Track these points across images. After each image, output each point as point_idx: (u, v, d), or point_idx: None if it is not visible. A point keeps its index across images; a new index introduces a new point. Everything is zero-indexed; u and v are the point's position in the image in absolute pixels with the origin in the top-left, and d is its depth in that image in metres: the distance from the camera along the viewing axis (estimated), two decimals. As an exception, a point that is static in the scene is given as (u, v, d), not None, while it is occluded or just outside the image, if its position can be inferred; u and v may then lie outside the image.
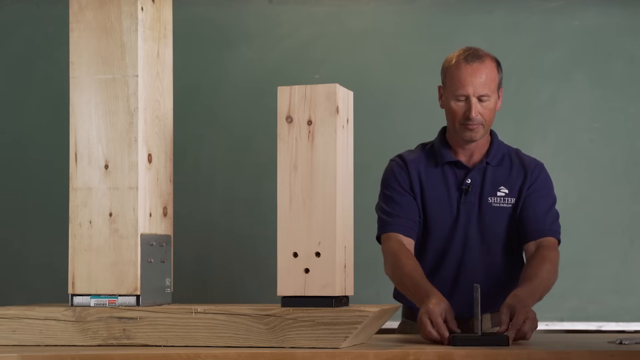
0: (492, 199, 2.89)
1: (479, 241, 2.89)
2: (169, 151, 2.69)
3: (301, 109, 2.40)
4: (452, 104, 2.83)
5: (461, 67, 2.83)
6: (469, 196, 2.89)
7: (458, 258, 2.89)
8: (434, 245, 2.92)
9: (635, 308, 3.90)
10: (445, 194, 2.91)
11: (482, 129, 2.85)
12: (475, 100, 2.81)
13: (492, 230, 2.89)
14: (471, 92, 2.81)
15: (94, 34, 2.57)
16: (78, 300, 2.53)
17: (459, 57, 2.86)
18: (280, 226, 2.41)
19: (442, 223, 2.90)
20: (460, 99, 2.82)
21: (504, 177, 2.92)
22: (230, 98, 4.04)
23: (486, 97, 2.81)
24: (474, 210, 2.89)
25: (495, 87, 2.85)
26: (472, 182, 2.89)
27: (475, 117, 2.81)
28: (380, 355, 2.27)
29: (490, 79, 2.83)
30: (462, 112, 2.83)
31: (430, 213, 2.91)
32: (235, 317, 2.38)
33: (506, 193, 2.90)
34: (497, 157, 2.93)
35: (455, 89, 2.82)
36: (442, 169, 2.93)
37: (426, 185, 2.93)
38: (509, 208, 2.89)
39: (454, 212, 2.89)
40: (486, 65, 2.84)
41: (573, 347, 2.41)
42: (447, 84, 2.87)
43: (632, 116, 3.97)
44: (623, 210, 3.94)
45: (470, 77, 2.81)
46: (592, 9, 3.99)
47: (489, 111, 2.84)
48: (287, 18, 4.07)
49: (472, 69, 2.82)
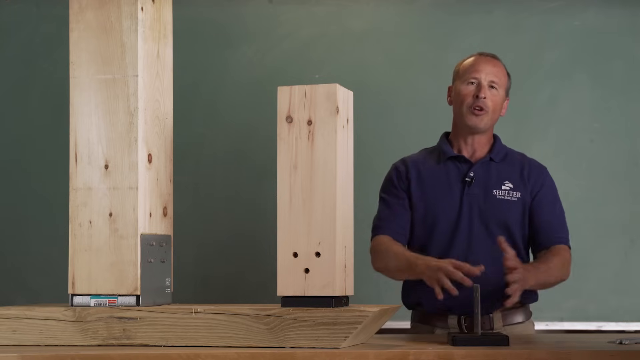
0: (497, 191, 2.92)
1: (485, 233, 2.90)
2: (169, 151, 2.69)
3: (301, 109, 2.41)
4: (462, 88, 2.94)
5: (475, 59, 2.98)
6: (473, 188, 2.92)
7: (463, 252, 2.89)
8: (439, 240, 2.92)
9: (635, 308, 3.90)
10: (448, 187, 2.93)
11: (487, 118, 2.92)
12: (485, 84, 2.92)
13: (497, 221, 2.90)
14: (483, 76, 2.93)
15: (94, 34, 2.57)
16: (78, 300, 2.53)
17: (473, 55, 3.00)
18: (280, 226, 2.41)
19: (446, 216, 2.91)
20: (472, 81, 2.93)
21: (507, 173, 2.95)
22: (231, 98, 4.04)
23: (496, 85, 2.92)
24: (478, 202, 2.90)
25: (505, 84, 2.96)
26: (475, 174, 2.92)
27: (484, 98, 2.87)
28: (380, 355, 2.27)
29: (501, 73, 2.96)
30: (472, 94, 2.91)
31: (434, 207, 2.93)
32: (235, 317, 2.38)
33: (511, 187, 2.93)
34: (500, 154, 2.98)
35: (468, 73, 2.94)
36: (445, 165, 2.96)
37: (427, 180, 2.95)
38: (514, 201, 2.92)
39: (458, 204, 2.91)
40: (499, 63, 2.98)
41: (573, 347, 2.41)
42: (459, 74, 2.98)
43: (632, 116, 3.96)
44: (623, 210, 3.94)
45: (483, 64, 2.95)
46: (592, 9, 3.99)
47: (496, 101, 2.92)
48: (287, 18, 4.06)
49: (486, 60, 2.96)
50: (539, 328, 3.61)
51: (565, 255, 2.93)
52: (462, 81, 2.94)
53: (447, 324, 2.93)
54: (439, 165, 2.97)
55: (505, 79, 2.98)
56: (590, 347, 2.40)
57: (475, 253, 2.89)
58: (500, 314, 2.92)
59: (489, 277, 2.85)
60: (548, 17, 3.99)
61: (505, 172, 2.96)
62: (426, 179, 2.96)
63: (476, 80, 2.92)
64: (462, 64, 2.99)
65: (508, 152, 3.02)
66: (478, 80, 2.92)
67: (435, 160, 2.99)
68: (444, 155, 2.97)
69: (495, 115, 2.94)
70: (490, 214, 2.91)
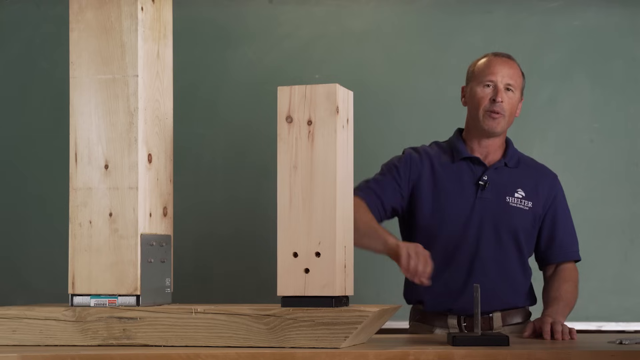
0: (509, 198, 2.91)
1: (493, 238, 2.90)
2: (169, 151, 2.69)
3: (301, 109, 2.40)
4: (479, 90, 2.91)
5: (490, 59, 2.95)
6: (486, 192, 2.91)
7: (471, 254, 2.89)
8: (447, 239, 2.91)
9: (635, 308, 3.90)
10: (460, 189, 2.92)
11: (504, 121, 2.91)
12: (502, 87, 2.90)
13: (507, 228, 2.90)
14: (499, 79, 2.90)
15: (94, 34, 2.57)
16: (78, 300, 2.53)
17: (488, 55, 2.98)
18: (280, 226, 2.41)
19: (456, 217, 2.90)
20: (488, 84, 2.91)
21: (520, 180, 2.94)
22: (231, 98, 4.04)
23: (512, 88, 2.91)
24: (491, 207, 2.90)
25: (520, 85, 2.96)
26: (489, 179, 2.91)
27: (501, 102, 2.86)
28: (380, 355, 2.27)
29: (516, 75, 2.94)
30: (489, 97, 2.90)
31: (444, 206, 2.91)
32: (235, 317, 2.38)
33: (523, 195, 2.93)
34: (513, 159, 2.97)
35: (484, 76, 2.92)
36: (458, 165, 2.95)
37: (440, 178, 2.94)
38: (526, 210, 2.91)
39: (469, 207, 2.90)
40: (514, 63, 2.96)
41: (573, 347, 2.41)
42: (475, 76, 2.95)
43: (632, 116, 3.96)
44: (623, 210, 3.94)
45: (499, 66, 2.92)
46: (592, 9, 3.99)
47: (512, 104, 2.91)
48: (287, 18, 4.06)
49: (502, 61, 2.94)
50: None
51: (574, 276, 2.95)
52: (478, 83, 2.91)
53: (447, 324, 2.93)
54: (453, 164, 2.96)
55: (521, 80, 2.96)
56: (590, 347, 2.40)
57: (482, 257, 2.89)
58: (500, 314, 2.92)
59: (492, 280, 2.85)
60: (548, 17, 3.99)
61: (518, 179, 2.95)
62: (439, 175, 2.94)
63: (492, 83, 2.89)
64: (477, 65, 2.96)
65: (520, 157, 3.01)
66: (494, 83, 2.89)
67: (449, 157, 2.98)
68: (459, 154, 2.96)
69: (511, 118, 2.93)
70: (501, 220, 2.90)
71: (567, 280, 2.91)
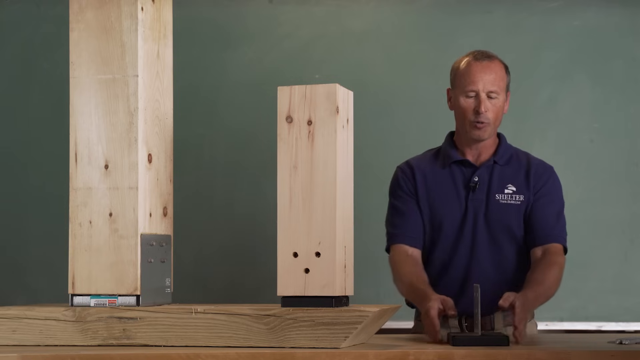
0: (499, 195, 2.91)
1: (488, 238, 2.90)
2: (169, 151, 2.69)
3: (301, 109, 2.40)
4: (462, 101, 2.88)
5: (471, 65, 2.89)
6: (477, 193, 2.91)
7: (467, 255, 2.90)
8: (444, 243, 2.93)
9: (635, 308, 3.90)
10: (453, 192, 2.92)
11: (490, 128, 2.89)
12: (484, 96, 2.87)
13: (500, 226, 2.90)
14: (481, 87, 2.86)
15: (94, 34, 2.57)
16: (78, 300, 2.53)
17: (468, 57, 2.93)
18: (280, 226, 2.41)
19: (450, 221, 2.91)
20: (470, 94, 2.87)
21: (511, 176, 2.94)
22: (230, 98, 4.04)
23: (495, 95, 2.87)
24: (482, 207, 2.90)
25: (504, 86, 2.91)
26: (479, 179, 2.91)
27: (485, 112, 2.84)
28: (380, 355, 2.27)
29: (499, 77, 2.89)
30: (472, 108, 2.87)
31: (439, 212, 2.92)
32: (235, 317, 2.38)
33: (514, 190, 2.92)
34: (504, 156, 2.96)
35: (465, 85, 2.88)
36: (450, 169, 2.95)
37: (433, 185, 2.94)
38: (517, 205, 2.91)
39: (462, 209, 2.91)
40: (495, 65, 2.90)
41: (573, 347, 2.41)
42: (457, 82, 2.91)
43: (632, 116, 3.96)
44: (623, 210, 3.94)
45: (480, 73, 2.87)
46: (592, 9, 3.99)
47: (497, 110, 2.89)
48: (287, 18, 4.06)
49: (482, 66, 2.88)
50: (539, 328, 3.60)
51: (560, 261, 2.87)
52: (460, 92, 2.88)
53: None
54: (444, 169, 2.96)
55: (504, 81, 2.92)
56: (590, 347, 2.40)
57: (479, 258, 2.90)
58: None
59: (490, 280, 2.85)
60: (548, 17, 3.99)
61: (508, 175, 2.94)
62: (432, 183, 2.95)
63: (474, 93, 2.87)
64: (459, 70, 2.92)
65: (513, 153, 3.00)
66: (476, 93, 2.86)
67: (440, 164, 2.97)
68: (449, 159, 2.96)
69: (497, 121, 2.92)
70: (492, 218, 2.90)
71: (552, 266, 2.84)
